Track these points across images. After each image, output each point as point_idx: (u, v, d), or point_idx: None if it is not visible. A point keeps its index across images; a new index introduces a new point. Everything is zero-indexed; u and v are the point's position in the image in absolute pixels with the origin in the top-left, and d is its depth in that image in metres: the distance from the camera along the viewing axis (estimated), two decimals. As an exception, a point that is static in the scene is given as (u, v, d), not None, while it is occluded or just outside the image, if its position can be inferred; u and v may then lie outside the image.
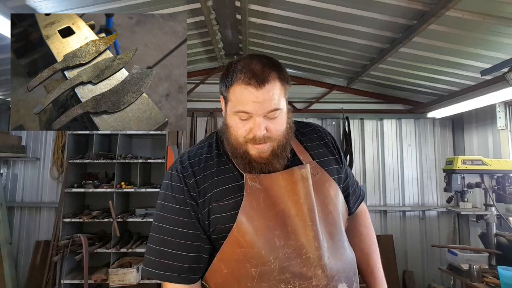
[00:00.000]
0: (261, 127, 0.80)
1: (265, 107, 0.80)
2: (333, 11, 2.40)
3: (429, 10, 2.09)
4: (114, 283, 3.09)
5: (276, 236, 0.82)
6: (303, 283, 0.80)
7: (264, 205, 0.84)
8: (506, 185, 2.48)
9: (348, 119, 3.96)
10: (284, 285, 0.80)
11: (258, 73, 0.80)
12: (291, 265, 0.81)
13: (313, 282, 0.81)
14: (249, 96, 0.79)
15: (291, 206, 0.85)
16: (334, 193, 0.94)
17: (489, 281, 2.17)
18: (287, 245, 0.82)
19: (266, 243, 0.82)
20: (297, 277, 0.81)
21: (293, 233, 0.83)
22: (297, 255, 0.82)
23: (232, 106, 0.83)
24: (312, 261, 0.82)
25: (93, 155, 3.53)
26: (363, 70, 3.39)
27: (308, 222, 0.84)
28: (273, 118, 0.83)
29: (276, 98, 0.81)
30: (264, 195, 0.84)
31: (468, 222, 3.72)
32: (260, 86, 0.79)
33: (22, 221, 3.88)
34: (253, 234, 0.82)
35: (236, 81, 0.81)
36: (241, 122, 0.82)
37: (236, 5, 2.71)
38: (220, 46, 3.54)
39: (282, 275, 0.81)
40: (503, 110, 3.13)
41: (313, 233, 0.83)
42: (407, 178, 4.01)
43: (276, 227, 0.83)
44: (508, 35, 2.20)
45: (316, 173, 0.92)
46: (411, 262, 3.90)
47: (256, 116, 0.80)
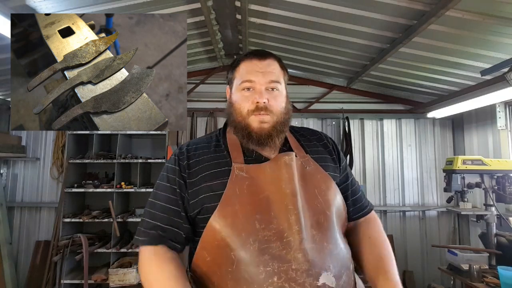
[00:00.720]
0: (263, 94, 0.91)
1: (266, 77, 0.93)
2: (333, 11, 2.40)
3: (429, 10, 2.09)
4: (114, 283, 3.09)
5: (256, 220, 0.85)
6: (282, 265, 0.80)
7: (247, 192, 0.88)
8: (506, 185, 2.48)
9: (348, 119, 3.96)
10: (263, 267, 0.80)
11: (260, 52, 0.98)
12: (270, 247, 0.82)
13: (293, 265, 0.81)
14: (253, 67, 0.94)
15: (274, 193, 0.88)
16: (326, 186, 0.95)
17: (489, 281, 2.17)
18: (268, 229, 0.84)
19: (246, 225, 0.84)
20: (276, 259, 0.81)
21: (276, 217, 0.85)
22: (277, 238, 0.83)
23: (238, 80, 0.96)
24: (292, 244, 0.82)
25: (93, 155, 3.53)
26: (363, 70, 3.39)
27: (289, 206, 0.86)
28: (274, 93, 0.93)
29: (276, 73, 0.95)
30: (249, 183, 0.89)
31: (468, 222, 3.72)
32: (262, 59, 0.95)
33: (22, 221, 3.88)
34: (233, 218, 0.85)
35: (241, 60, 0.98)
36: (244, 96, 0.93)
37: (236, 5, 2.71)
38: (220, 46, 3.54)
39: (261, 257, 0.81)
40: (503, 110, 3.13)
41: (294, 217, 0.85)
42: (407, 178, 4.01)
43: (257, 211, 0.86)
44: (508, 35, 2.20)
45: (308, 165, 0.96)
46: (411, 262, 3.90)
47: (258, 85, 0.92)
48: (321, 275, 0.82)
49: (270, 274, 0.80)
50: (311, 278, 0.80)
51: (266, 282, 0.79)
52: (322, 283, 0.81)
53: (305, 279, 0.80)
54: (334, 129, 4.11)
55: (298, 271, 0.80)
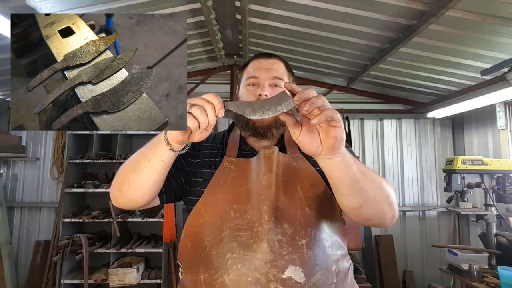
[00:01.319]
0: (265, 88, 0.96)
1: (270, 73, 0.98)
2: (333, 11, 2.40)
3: (429, 10, 2.09)
4: (114, 283, 3.09)
5: (232, 209, 0.87)
6: (247, 253, 0.82)
7: (231, 183, 0.91)
8: (506, 185, 2.48)
9: (348, 119, 3.96)
10: (230, 253, 0.82)
11: (267, 53, 1.06)
12: (239, 236, 0.84)
13: (257, 255, 0.81)
14: (258, 65, 1.01)
15: (254, 185, 0.90)
16: (311, 183, 0.92)
17: (489, 281, 2.17)
18: (242, 218, 0.86)
19: (222, 213, 0.87)
20: (242, 247, 0.83)
21: (251, 208, 0.87)
22: (248, 227, 0.85)
23: (244, 77, 1.02)
24: (260, 234, 0.83)
25: (93, 155, 3.53)
26: (363, 70, 3.39)
27: (262, 196, 0.87)
28: (276, 89, 0.97)
29: (280, 71, 1.00)
30: (235, 175, 0.93)
31: (468, 222, 3.72)
32: (268, 58, 1.03)
33: (22, 221, 3.88)
34: (213, 206, 0.89)
35: (250, 61, 1.05)
36: (248, 90, 0.98)
37: (236, 5, 2.71)
38: (220, 46, 3.54)
39: (230, 244, 0.83)
40: (503, 110, 3.13)
41: (265, 207, 0.86)
42: (407, 178, 4.01)
43: (235, 201, 0.88)
44: (508, 35, 2.20)
45: (296, 161, 0.96)
46: (411, 262, 3.90)
47: (262, 80, 0.97)
48: (287, 268, 0.81)
49: (236, 261, 0.82)
50: (276, 270, 0.80)
51: (231, 269, 0.81)
52: (288, 276, 0.80)
53: (268, 270, 0.80)
54: (334, 129, 4.10)
55: (263, 260, 0.81)
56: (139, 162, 0.78)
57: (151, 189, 0.82)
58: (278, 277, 0.80)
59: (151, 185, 0.81)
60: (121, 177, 0.82)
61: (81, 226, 3.67)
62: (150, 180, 0.79)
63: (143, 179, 0.78)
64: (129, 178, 0.80)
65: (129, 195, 0.82)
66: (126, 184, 0.81)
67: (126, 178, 0.81)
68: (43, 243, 3.72)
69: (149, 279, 3.31)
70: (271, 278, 0.80)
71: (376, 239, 3.83)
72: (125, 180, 0.81)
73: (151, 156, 0.75)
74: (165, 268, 3.35)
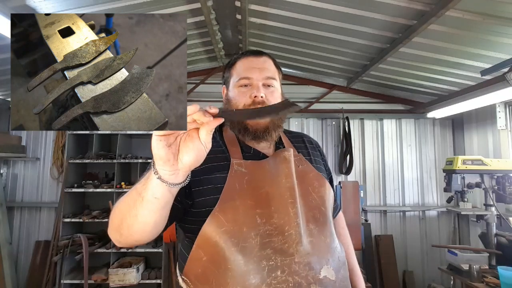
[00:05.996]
0: (260, 89, 0.93)
1: (263, 73, 0.95)
2: (333, 11, 2.40)
3: (429, 10, 2.09)
4: (114, 283, 3.09)
5: (257, 214, 0.84)
6: (285, 259, 0.80)
7: (247, 187, 0.87)
8: (506, 185, 2.48)
9: (348, 119, 3.96)
10: (266, 261, 0.79)
11: (255, 51, 1.01)
12: (272, 242, 0.81)
13: (295, 259, 0.81)
14: (249, 64, 0.97)
15: (274, 188, 0.87)
16: (318, 184, 0.96)
17: (489, 281, 2.17)
18: (269, 223, 0.83)
19: (247, 220, 0.83)
20: (278, 253, 0.80)
21: (276, 212, 0.85)
22: (279, 232, 0.82)
23: (235, 78, 0.97)
24: (294, 237, 0.82)
25: (93, 155, 3.53)
26: (363, 70, 3.39)
27: (290, 200, 0.86)
28: (270, 89, 0.95)
29: (271, 70, 0.98)
30: (249, 177, 0.88)
31: (468, 222, 3.72)
32: (258, 56, 0.99)
33: (22, 221, 3.87)
34: (234, 212, 0.83)
35: (237, 59, 1.00)
36: (241, 92, 0.94)
37: (236, 5, 2.71)
38: (220, 46, 3.53)
39: (263, 251, 0.80)
40: (503, 110, 3.13)
41: (294, 210, 0.85)
42: (407, 178, 4.01)
43: (257, 206, 0.85)
44: (508, 35, 2.20)
45: (301, 164, 0.97)
46: (411, 262, 3.90)
47: (255, 80, 0.94)
48: (322, 268, 0.83)
49: (273, 268, 0.79)
50: (313, 271, 0.81)
51: (269, 277, 0.78)
52: (324, 275, 0.82)
53: (307, 272, 0.80)
54: (334, 129, 4.11)
55: (301, 264, 0.80)
56: (135, 202, 0.69)
57: (153, 231, 0.74)
58: (316, 278, 0.81)
59: (153, 227, 0.72)
60: (118, 218, 0.74)
61: (81, 226, 3.67)
62: (149, 223, 0.71)
63: (141, 222, 0.70)
64: (127, 221, 0.72)
65: (131, 238, 0.75)
66: (124, 227, 0.73)
67: (124, 221, 0.72)
68: (43, 243, 3.72)
69: (149, 279, 3.32)
70: (311, 280, 0.80)
71: (376, 239, 3.83)
72: (123, 223, 0.73)
73: (143, 193, 0.67)
74: (165, 268, 3.35)
